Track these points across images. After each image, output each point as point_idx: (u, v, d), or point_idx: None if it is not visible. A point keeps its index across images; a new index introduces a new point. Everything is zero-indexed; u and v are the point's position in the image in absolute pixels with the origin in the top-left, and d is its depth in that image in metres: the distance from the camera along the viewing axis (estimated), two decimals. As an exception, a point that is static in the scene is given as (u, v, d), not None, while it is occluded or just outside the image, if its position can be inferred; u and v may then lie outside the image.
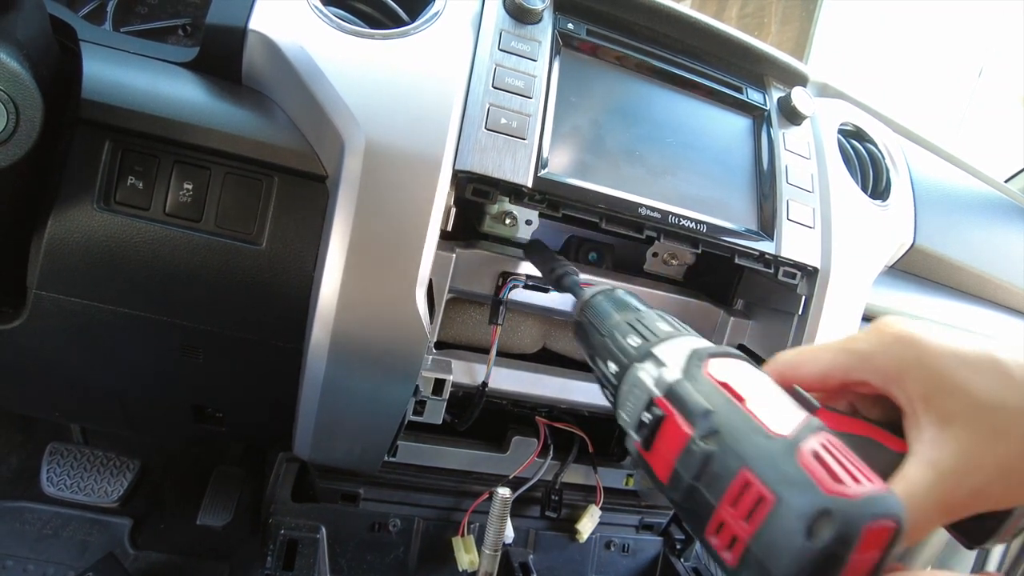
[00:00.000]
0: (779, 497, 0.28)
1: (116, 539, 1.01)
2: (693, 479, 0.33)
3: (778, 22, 3.10)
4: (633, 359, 0.41)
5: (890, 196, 0.82)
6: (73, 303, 0.58)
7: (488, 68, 0.61)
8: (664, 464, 0.35)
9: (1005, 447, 0.32)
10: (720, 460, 0.31)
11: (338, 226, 0.55)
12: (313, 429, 0.65)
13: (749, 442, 0.31)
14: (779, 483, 0.29)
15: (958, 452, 0.32)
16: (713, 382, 0.35)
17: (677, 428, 0.34)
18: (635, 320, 0.44)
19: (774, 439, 0.31)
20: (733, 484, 0.30)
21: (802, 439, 0.30)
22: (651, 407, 0.37)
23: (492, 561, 0.72)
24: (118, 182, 0.55)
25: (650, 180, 0.65)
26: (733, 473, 0.30)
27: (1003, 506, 0.34)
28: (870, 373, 0.36)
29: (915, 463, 0.33)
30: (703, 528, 0.33)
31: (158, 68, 0.59)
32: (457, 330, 0.72)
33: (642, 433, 0.37)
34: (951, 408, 0.33)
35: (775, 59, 0.75)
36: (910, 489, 0.32)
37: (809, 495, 0.28)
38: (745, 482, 0.30)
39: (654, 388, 0.37)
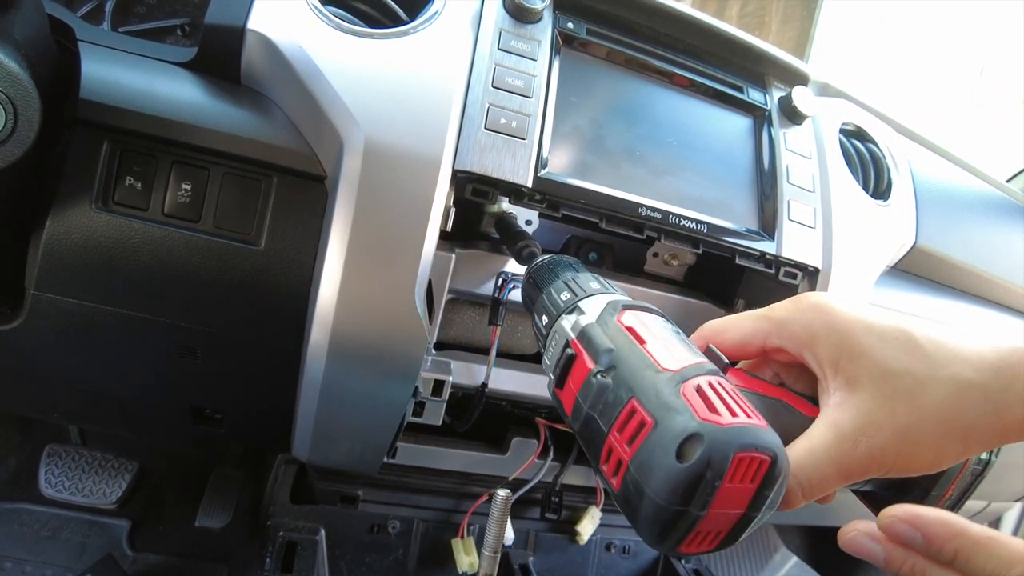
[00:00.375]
0: (657, 421, 0.31)
1: (114, 541, 1.01)
2: (590, 409, 0.36)
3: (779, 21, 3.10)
4: (561, 311, 0.44)
5: (891, 196, 0.82)
6: (71, 304, 0.57)
7: (488, 68, 0.61)
8: (571, 398, 0.39)
9: (905, 411, 0.33)
10: (613, 391, 0.34)
11: (337, 226, 0.55)
12: (312, 430, 0.65)
13: (640, 375, 0.34)
14: (659, 409, 0.31)
15: (859, 414, 0.33)
16: (620, 326, 0.38)
17: (583, 364, 0.38)
18: (569, 279, 0.47)
19: (662, 373, 0.33)
20: (622, 412, 0.33)
21: (689, 376, 0.33)
22: (566, 349, 0.40)
23: (492, 563, 0.72)
24: (116, 182, 0.55)
25: (650, 180, 0.65)
26: (623, 402, 0.33)
27: (902, 472, 0.34)
28: (786, 339, 0.37)
29: (819, 423, 0.35)
30: (598, 458, 0.35)
31: (156, 68, 0.59)
32: (457, 331, 0.72)
33: (556, 373, 0.40)
34: (856, 372, 0.34)
35: (776, 58, 0.75)
36: (810, 446, 0.34)
37: (683, 420, 0.30)
38: (632, 410, 0.32)
39: (571, 332, 0.41)
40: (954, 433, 0.33)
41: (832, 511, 1.22)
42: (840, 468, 0.33)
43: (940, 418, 0.33)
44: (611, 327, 0.39)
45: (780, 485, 0.30)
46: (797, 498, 0.34)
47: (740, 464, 0.29)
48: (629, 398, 0.33)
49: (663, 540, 0.31)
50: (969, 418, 0.33)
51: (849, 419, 0.34)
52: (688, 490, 0.29)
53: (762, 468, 0.29)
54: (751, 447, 0.29)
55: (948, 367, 0.33)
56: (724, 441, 0.29)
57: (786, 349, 0.38)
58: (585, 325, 0.40)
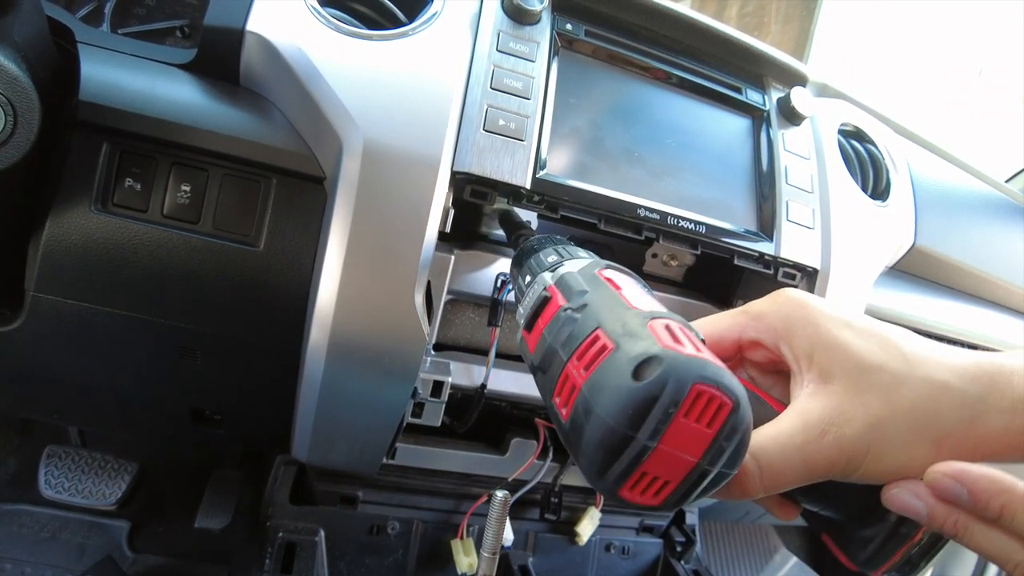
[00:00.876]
0: (617, 345, 0.30)
1: (114, 542, 1.01)
2: (553, 342, 0.35)
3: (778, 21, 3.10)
4: (545, 268, 0.44)
5: (890, 196, 0.82)
6: (71, 305, 0.57)
7: (486, 69, 0.61)
8: (536, 336, 0.38)
9: (878, 406, 0.32)
10: (580, 324, 0.34)
11: (336, 227, 0.55)
12: (311, 431, 0.65)
13: (609, 311, 0.33)
14: (622, 336, 0.30)
15: (829, 404, 0.33)
16: (599, 276, 0.38)
17: (555, 303, 0.38)
18: (560, 248, 0.48)
19: (631, 310, 0.33)
20: (585, 341, 0.32)
21: (658, 315, 0.32)
22: (541, 293, 0.40)
23: (491, 564, 0.72)
24: (116, 184, 0.55)
25: (649, 181, 0.65)
26: (587, 332, 0.33)
27: (869, 474, 0.33)
28: (762, 331, 0.37)
29: (788, 411, 0.34)
30: (552, 390, 0.34)
31: (156, 70, 0.59)
32: (456, 332, 0.72)
33: (527, 317, 0.40)
34: (830, 364, 0.33)
35: (774, 59, 0.75)
36: (776, 431, 0.33)
37: (644, 344, 0.29)
38: (595, 339, 0.32)
39: (549, 280, 0.41)
40: (927, 435, 0.32)
41: (832, 511, 1.22)
42: (805, 457, 0.32)
43: (914, 417, 0.32)
44: (590, 276, 0.39)
45: (739, 446, 0.28)
46: (755, 483, 0.32)
47: (699, 399, 0.27)
48: (595, 328, 0.32)
49: (604, 471, 0.29)
50: (943, 422, 0.32)
51: (819, 408, 0.33)
52: (640, 411, 0.27)
53: (723, 411, 0.27)
54: (712, 382, 0.27)
55: (924, 367, 0.33)
56: (684, 368, 0.27)
57: (762, 342, 0.37)
58: (564, 272, 0.40)
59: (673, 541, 0.94)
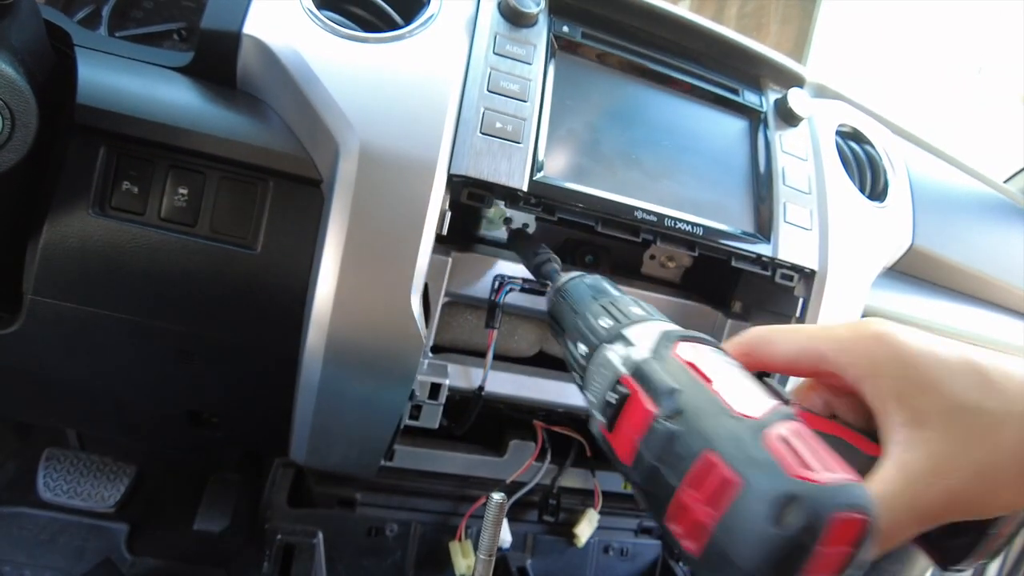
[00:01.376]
0: (745, 480, 0.27)
1: (113, 545, 1.01)
2: (655, 460, 0.31)
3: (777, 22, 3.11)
4: (603, 339, 0.40)
5: (888, 197, 0.82)
6: (69, 309, 0.58)
7: (483, 72, 0.61)
8: (627, 444, 0.34)
9: (980, 450, 0.31)
10: (683, 440, 0.30)
11: (333, 230, 0.55)
12: (309, 434, 0.65)
13: (714, 422, 0.30)
14: (744, 465, 0.27)
15: (931, 454, 0.31)
16: (680, 362, 0.34)
17: (641, 407, 0.33)
18: (608, 303, 0.43)
19: (740, 420, 0.29)
20: (696, 465, 0.29)
21: (769, 423, 0.29)
22: (617, 386, 0.36)
23: (487, 566, 0.72)
24: (113, 187, 0.55)
25: (646, 183, 0.65)
26: (696, 454, 0.29)
27: (979, 514, 0.32)
28: (844, 365, 0.34)
29: (887, 465, 0.32)
30: (663, 513, 0.31)
31: (153, 73, 0.59)
32: (453, 334, 0.72)
33: (607, 413, 0.36)
34: (925, 408, 0.31)
35: (771, 60, 0.75)
36: (881, 491, 0.31)
37: (776, 479, 0.26)
38: (709, 463, 0.28)
39: (621, 367, 0.36)
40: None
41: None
42: (915, 514, 0.31)
43: (1019, 456, 0.31)
44: (670, 363, 0.35)
45: (870, 545, 0.27)
46: (870, 545, 0.30)
47: (837, 526, 0.26)
48: (702, 449, 0.29)
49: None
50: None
51: (920, 460, 0.31)
52: (785, 559, 0.26)
53: (861, 529, 0.26)
54: (850, 507, 0.26)
55: (1022, 403, 0.31)
56: (824, 502, 0.26)
57: (841, 376, 0.35)
58: (639, 360, 0.36)
59: (671, 542, 0.94)
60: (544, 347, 0.77)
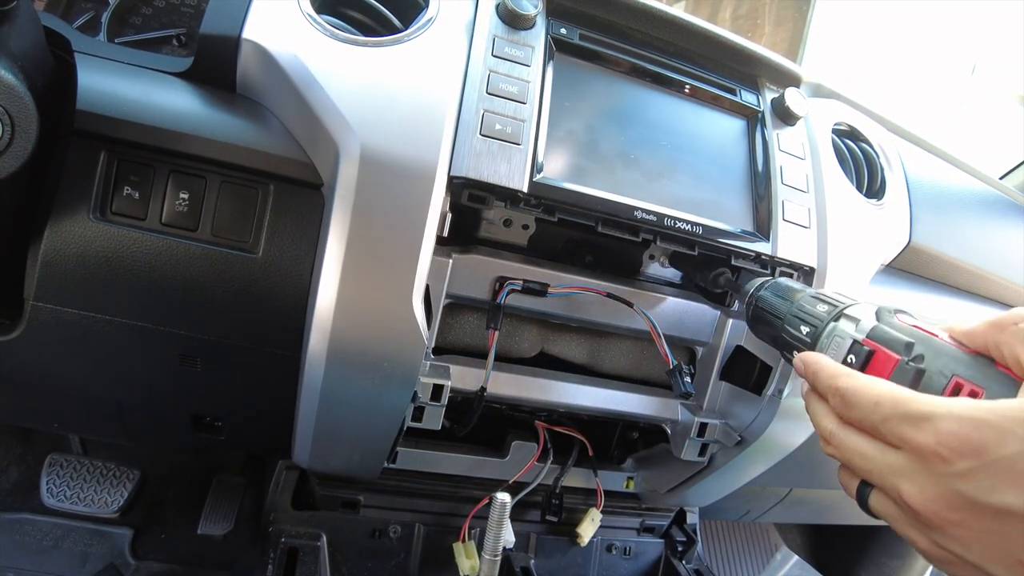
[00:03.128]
0: (988, 389, 0.37)
1: (117, 550, 1.01)
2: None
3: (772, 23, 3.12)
4: (828, 320, 0.50)
5: (885, 195, 0.82)
6: (70, 314, 0.58)
7: (482, 74, 0.61)
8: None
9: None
10: (930, 373, 0.40)
11: (334, 233, 0.55)
12: (312, 437, 0.65)
13: (952, 359, 0.40)
14: (987, 381, 0.37)
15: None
16: (905, 324, 0.45)
17: (887, 356, 0.43)
18: (815, 295, 0.54)
19: (972, 355, 0.40)
20: (947, 388, 0.39)
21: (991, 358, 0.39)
22: (856, 348, 0.46)
23: (492, 567, 0.72)
24: (114, 193, 0.55)
25: (645, 183, 0.66)
26: (947, 379, 0.39)
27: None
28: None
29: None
30: None
31: (153, 78, 0.59)
32: (455, 335, 0.72)
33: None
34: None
35: (768, 60, 0.76)
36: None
37: (1006, 383, 0.37)
38: (957, 385, 0.39)
39: (856, 334, 0.47)
40: None
41: (832, 510, 1.22)
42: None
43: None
44: (898, 326, 0.45)
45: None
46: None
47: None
48: (952, 375, 0.39)
49: None
50: None
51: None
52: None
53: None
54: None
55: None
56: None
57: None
58: (871, 327, 0.46)
59: (674, 541, 0.94)
60: (545, 347, 0.77)
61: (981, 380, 0.38)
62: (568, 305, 0.71)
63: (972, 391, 0.38)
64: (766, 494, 1.09)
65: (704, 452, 0.78)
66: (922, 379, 0.40)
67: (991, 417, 0.33)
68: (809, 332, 0.52)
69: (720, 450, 0.80)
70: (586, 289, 0.70)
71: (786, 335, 0.55)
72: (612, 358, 0.79)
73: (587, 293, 0.70)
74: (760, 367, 0.75)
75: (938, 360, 0.40)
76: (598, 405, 0.76)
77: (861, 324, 0.47)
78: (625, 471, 0.92)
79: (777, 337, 0.57)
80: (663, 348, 0.71)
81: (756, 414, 0.74)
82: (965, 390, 0.38)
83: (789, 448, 0.78)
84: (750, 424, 0.74)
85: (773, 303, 0.59)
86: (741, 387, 0.77)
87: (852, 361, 0.45)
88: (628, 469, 0.92)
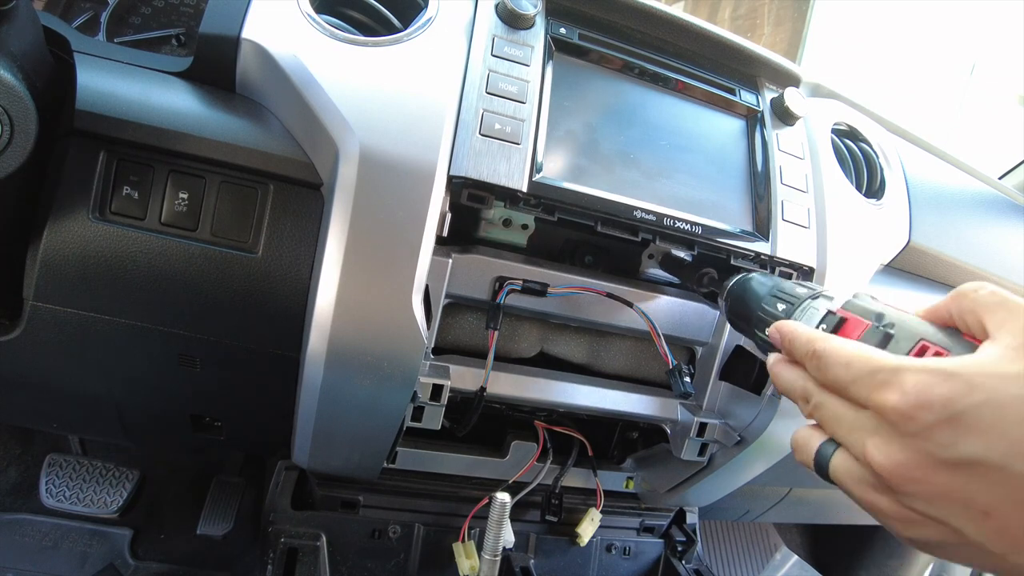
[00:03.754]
0: (953, 351, 0.38)
1: (116, 550, 1.01)
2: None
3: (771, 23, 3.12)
4: (805, 298, 0.52)
5: (885, 195, 0.82)
6: (70, 314, 0.58)
7: (481, 74, 0.61)
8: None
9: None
10: (898, 338, 0.42)
11: (334, 233, 0.55)
12: (311, 437, 0.65)
13: (920, 325, 0.42)
14: (952, 344, 0.39)
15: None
16: (879, 301, 0.46)
17: (857, 322, 0.45)
18: (798, 283, 0.55)
19: (939, 326, 0.41)
20: (914, 349, 0.40)
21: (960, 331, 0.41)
22: (828, 317, 0.47)
23: (492, 567, 0.72)
24: (113, 192, 0.55)
25: (645, 183, 0.66)
26: (913, 342, 0.41)
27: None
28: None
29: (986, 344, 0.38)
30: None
31: (152, 78, 0.59)
32: (454, 335, 0.72)
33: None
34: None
35: (767, 60, 0.76)
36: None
37: (964, 344, 0.38)
38: (923, 347, 0.40)
39: (831, 307, 0.49)
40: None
41: (832, 510, 1.22)
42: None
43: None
44: (871, 301, 0.47)
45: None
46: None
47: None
48: (918, 339, 0.40)
49: None
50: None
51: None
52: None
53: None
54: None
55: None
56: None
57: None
58: (845, 301, 0.48)
59: (674, 541, 0.94)
60: (545, 347, 0.77)
61: (946, 344, 0.39)
62: (567, 305, 0.71)
63: (937, 352, 0.39)
64: (766, 494, 1.09)
65: (704, 452, 0.78)
66: (890, 343, 0.42)
67: (957, 369, 0.34)
68: (785, 309, 0.53)
69: (720, 450, 0.80)
70: (585, 289, 0.70)
71: (762, 313, 0.56)
72: (612, 358, 0.79)
73: (586, 293, 0.70)
74: (760, 367, 0.75)
75: (906, 327, 0.42)
76: (597, 405, 0.76)
77: (835, 301, 0.49)
78: (625, 471, 0.92)
79: (752, 317, 0.57)
80: (663, 348, 0.71)
81: (756, 414, 0.74)
82: (931, 351, 0.39)
83: (789, 448, 0.78)
84: (750, 424, 0.75)
85: (751, 287, 0.59)
86: (741, 387, 0.77)
87: (824, 328, 0.47)
88: (628, 469, 0.92)
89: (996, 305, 0.38)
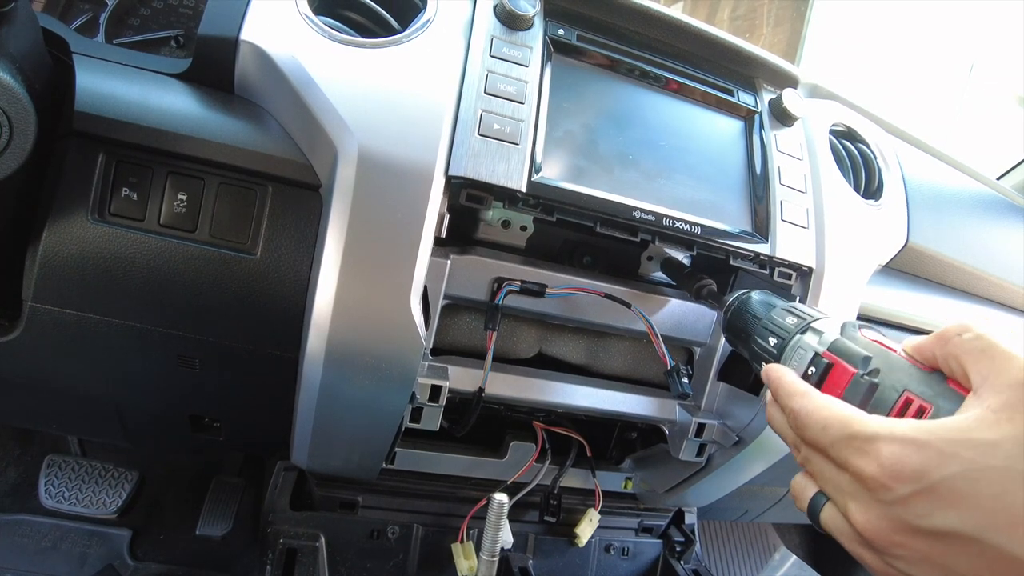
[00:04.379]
0: (935, 406, 0.38)
1: (115, 551, 1.01)
2: (859, 405, 0.41)
3: (770, 24, 3.12)
4: (795, 332, 0.51)
5: (883, 195, 0.82)
6: (69, 315, 0.58)
7: (480, 74, 0.61)
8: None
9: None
10: (883, 388, 0.41)
11: (332, 234, 0.55)
12: (310, 437, 0.65)
13: (905, 374, 0.41)
14: (935, 397, 0.38)
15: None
16: (867, 339, 0.45)
17: (844, 369, 0.44)
18: (786, 308, 0.54)
19: (926, 371, 0.40)
20: (897, 403, 0.40)
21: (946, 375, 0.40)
22: (816, 360, 0.46)
23: (490, 567, 0.72)
24: (112, 194, 0.56)
25: (644, 183, 0.66)
26: (898, 394, 0.40)
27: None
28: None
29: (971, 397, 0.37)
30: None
31: (151, 79, 0.59)
32: (453, 336, 0.72)
33: (811, 381, 0.46)
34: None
35: (765, 61, 0.76)
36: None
37: (953, 399, 0.37)
38: (907, 400, 0.40)
39: (818, 347, 0.47)
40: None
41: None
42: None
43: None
44: (859, 340, 0.45)
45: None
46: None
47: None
48: (903, 390, 0.40)
49: None
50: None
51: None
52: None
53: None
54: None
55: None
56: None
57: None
58: (833, 340, 0.47)
59: (672, 541, 0.94)
60: (543, 348, 0.77)
61: (930, 396, 0.39)
62: (566, 306, 0.71)
63: (920, 407, 0.39)
64: (764, 494, 1.09)
65: (702, 452, 0.78)
66: (875, 394, 0.42)
67: (931, 439, 0.33)
68: (776, 344, 0.52)
69: (718, 450, 0.80)
70: (584, 290, 0.70)
71: (755, 346, 0.56)
72: (610, 359, 0.79)
73: (585, 294, 0.71)
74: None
75: (892, 375, 0.41)
76: (596, 406, 0.76)
77: (824, 337, 0.48)
78: (623, 471, 0.92)
79: (748, 348, 0.58)
80: (661, 349, 0.71)
81: (754, 414, 0.74)
82: (914, 405, 0.39)
83: (787, 448, 0.78)
84: (748, 424, 0.75)
85: (746, 315, 0.59)
86: (739, 387, 0.78)
87: (812, 373, 0.46)
88: (626, 469, 0.92)
89: (980, 353, 0.37)
